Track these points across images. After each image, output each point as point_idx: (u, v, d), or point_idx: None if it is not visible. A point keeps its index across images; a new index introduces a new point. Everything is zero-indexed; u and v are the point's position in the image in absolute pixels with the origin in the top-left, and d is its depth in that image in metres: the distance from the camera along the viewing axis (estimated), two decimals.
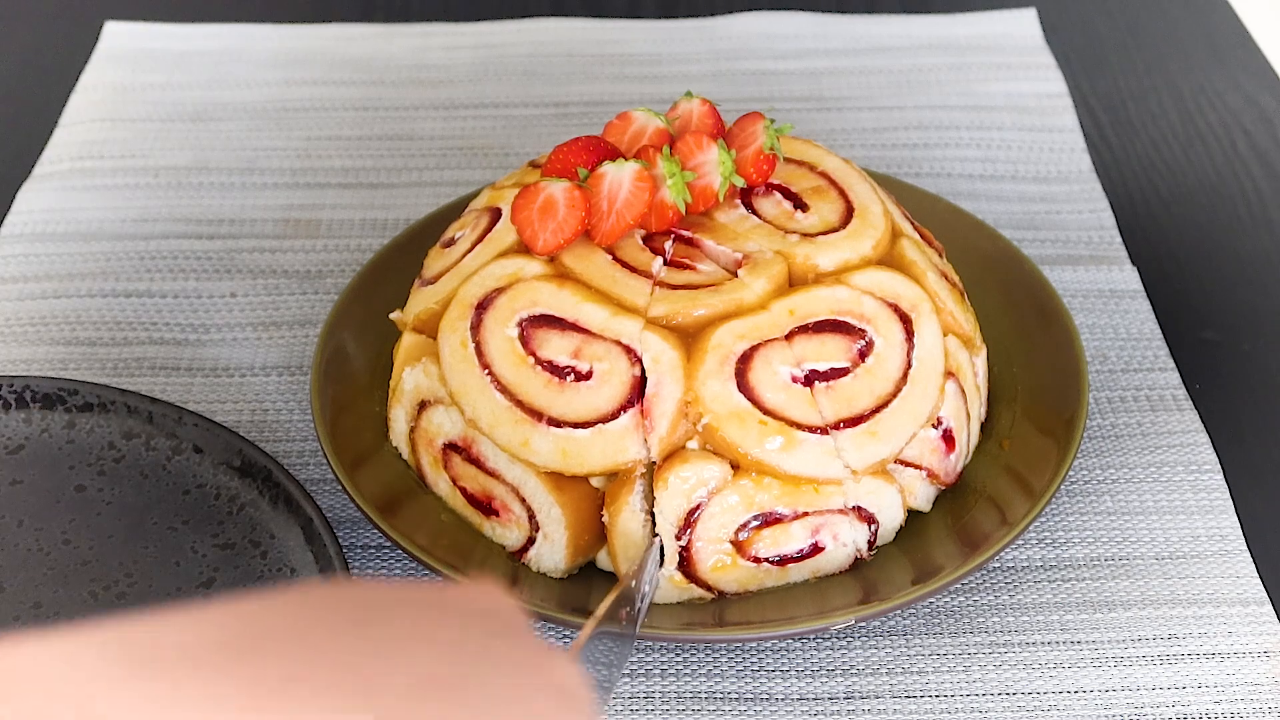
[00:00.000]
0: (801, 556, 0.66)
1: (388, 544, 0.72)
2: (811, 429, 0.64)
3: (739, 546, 0.65)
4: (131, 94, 1.04)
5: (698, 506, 0.64)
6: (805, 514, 0.65)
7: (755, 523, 0.64)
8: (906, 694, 0.65)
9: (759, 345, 0.65)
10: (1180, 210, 0.94)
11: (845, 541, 0.66)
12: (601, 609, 0.57)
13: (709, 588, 0.66)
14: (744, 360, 0.65)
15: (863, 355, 0.67)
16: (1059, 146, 0.99)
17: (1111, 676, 0.66)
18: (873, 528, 0.68)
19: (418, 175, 0.97)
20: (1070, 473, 0.74)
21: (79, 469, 0.72)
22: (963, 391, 0.70)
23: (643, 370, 0.66)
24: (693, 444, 0.64)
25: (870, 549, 0.68)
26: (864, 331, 0.68)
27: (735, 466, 0.64)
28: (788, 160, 0.75)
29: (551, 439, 0.65)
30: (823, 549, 0.66)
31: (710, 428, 0.64)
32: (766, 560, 0.65)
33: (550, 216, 0.68)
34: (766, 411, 0.64)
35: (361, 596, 0.39)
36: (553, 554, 0.67)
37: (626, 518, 0.65)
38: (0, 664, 0.32)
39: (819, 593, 0.67)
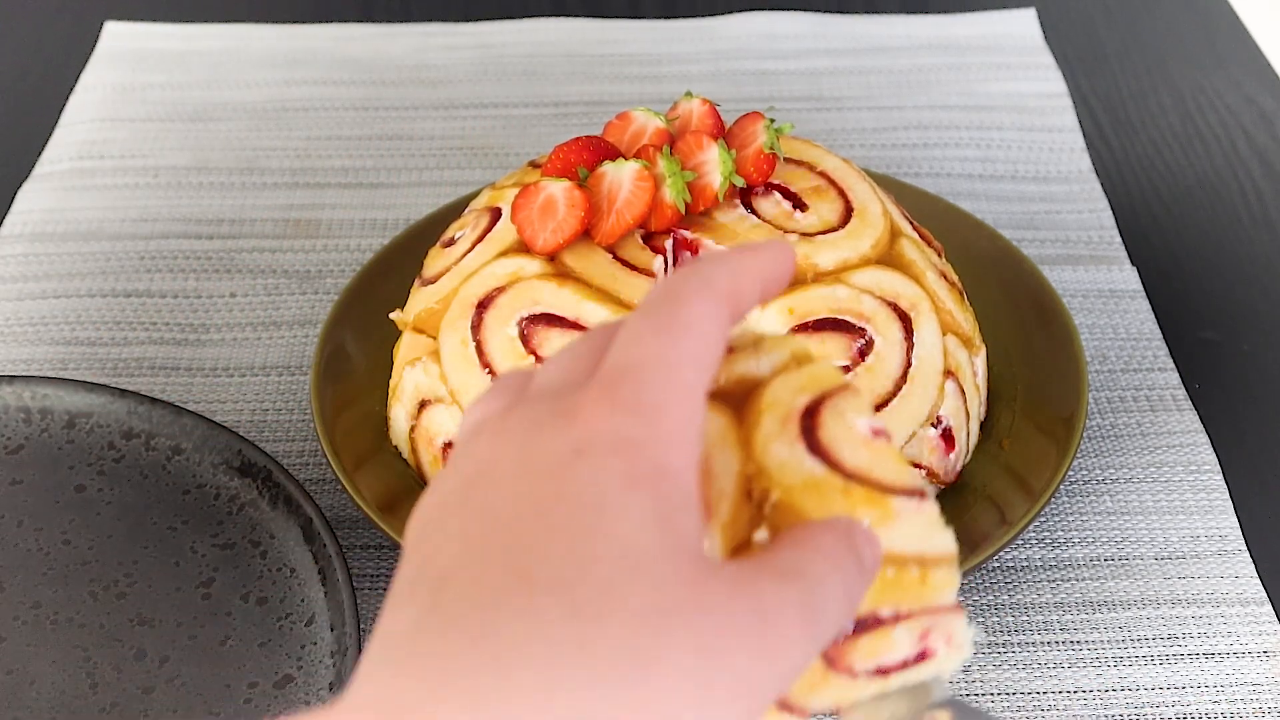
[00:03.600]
0: (905, 665, 0.50)
1: (388, 543, 0.72)
2: (909, 492, 0.48)
3: (829, 659, 0.49)
4: (131, 94, 1.04)
5: None
6: (910, 614, 0.48)
7: (849, 628, 0.48)
8: None
9: (826, 396, 0.49)
10: (1180, 210, 0.94)
11: (960, 643, 0.49)
12: None
13: (798, 711, 0.49)
14: (810, 415, 0.48)
15: (862, 354, 0.67)
16: (1059, 146, 0.99)
17: (1111, 676, 0.66)
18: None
19: (418, 175, 0.97)
20: (1070, 473, 0.74)
21: (79, 469, 0.72)
22: (962, 391, 0.70)
23: None
24: (761, 535, 0.46)
25: None
26: (864, 330, 0.68)
27: None
28: (787, 160, 0.75)
29: None
30: (931, 654, 0.50)
31: (782, 506, 0.46)
32: (864, 673, 0.49)
33: (550, 216, 0.68)
34: (849, 476, 0.48)
35: None
36: None
37: None
38: None
39: None
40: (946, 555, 0.48)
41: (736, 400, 0.48)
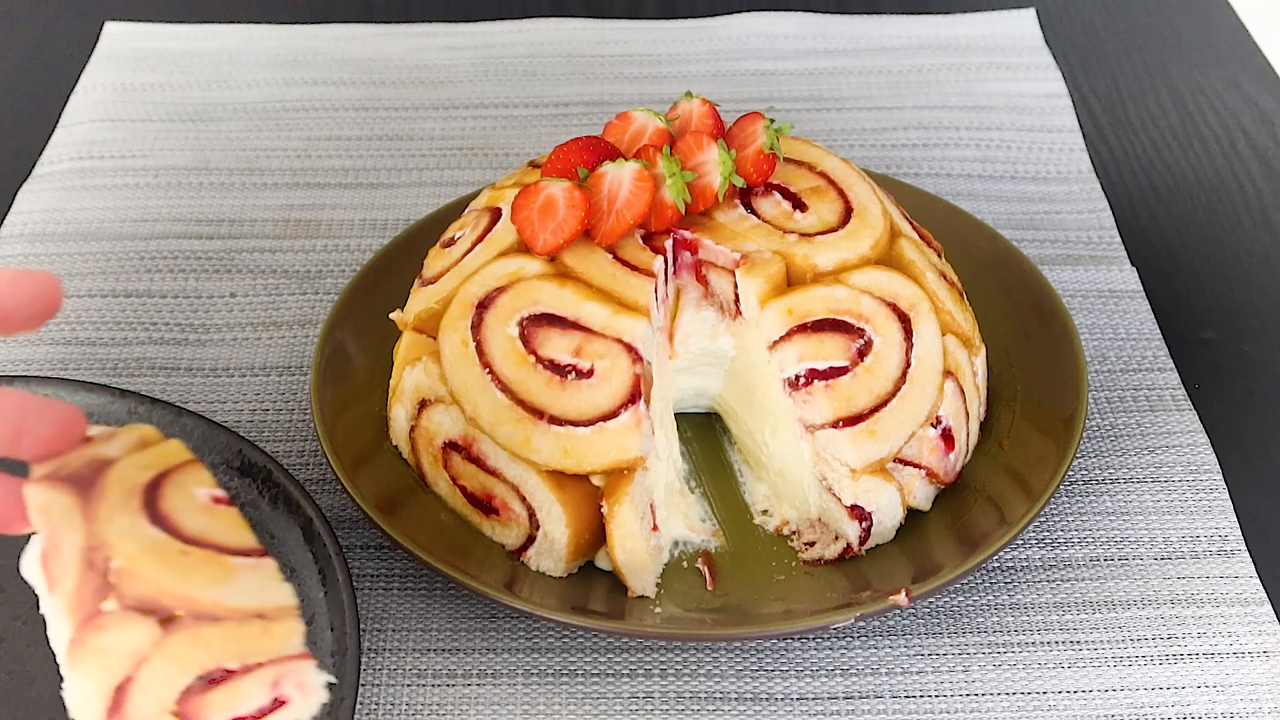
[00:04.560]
0: (261, 714, 0.53)
1: (388, 544, 0.72)
2: (247, 552, 0.54)
3: (183, 714, 0.52)
4: (131, 94, 1.04)
5: (126, 680, 0.52)
6: (259, 665, 0.53)
7: (199, 685, 0.52)
8: (906, 694, 0.65)
9: (169, 471, 0.56)
10: (1180, 210, 0.94)
11: (312, 688, 0.54)
12: None
13: None
14: (152, 489, 0.55)
15: (861, 354, 0.67)
16: (1058, 146, 0.99)
17: (1111, 676, 0.66)
18: (864, 524, 0.68)
19: (418, 175, 0.97)
20: (1070, 473, 0.75)
21: None
22: (961, 391, 0.70)
23: (645, 368, 0.66)
24: (110, 604, 0.52)
25: (863, 545, 0.68)
26: (863, 330, 0.68)
27: (168, 620, 0.52)
28: (787, 160, 0.75)
29: (553, 437, 0.65)
30: (286, 701, 0.54)
31: (124, 572, 0.52)
32: None
33: (550, 216, 0.68)
34: (188, 540, 0.54)
35: None
36: (552, 552, 0.67)
37: (625, 510, 0.65)
38: None
39: (819, 591, 0.67)
40: (287, 607, 0.52)
41: (88, 482, 0.54)
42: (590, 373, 0.66)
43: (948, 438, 0.69)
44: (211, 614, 0.52)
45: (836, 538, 0.69)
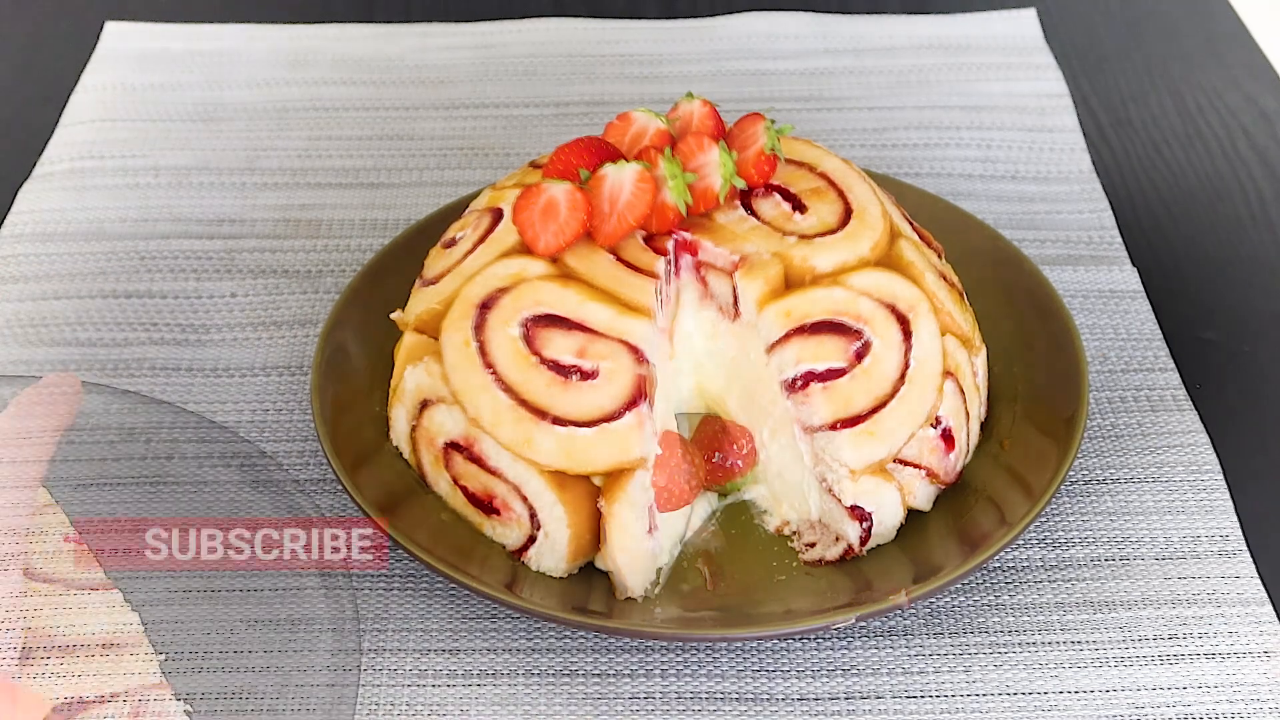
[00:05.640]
0: None
1: (388, 544, 0.72)
2: (91, 586, 0.61)
3: None
4: (131, 94, 1.04)
5: None
6: (115, 695, 0.57)
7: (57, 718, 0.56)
8: (906, 694, 0.65)
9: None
10: (1180, 210, 0.94)
11: (170, 716, 0.58)
12: None
13: None
14: None
15: (860, 356, 0.67)
16: (1059, 146, 0.99)
17: (1111, 676, 0.66)
18: (864, 525, 0.68)
19: (418, 175, 0.97)
20: (1070, 473, 0.74)
21: (79, 469, 0.72)
22: (961, 391, 0.70)
23: (649, 369, 0.66)
24: None
25: (864, 545, 0.68)
26: (861, 332, 0.68)
27: (24, 655, 0.58)
28: (787, 161, 0.75)
29: (555, 438, 0.65)
30: None
31: None
32: None
33: (552, 218, 0.68)
34: (39, 578, 0.61)
35: None
36: (553, 553, 0.67)
37: (624, 511, 0.65)
38: None
39: (819, 592, 0.67)
40: (132, 638, 0.58)
41: None
42: (594, 374, 0.66)
43: (948, 438, 0.69)
44: (63, 645, 0.57)
45: (837, 538, 0.69)
